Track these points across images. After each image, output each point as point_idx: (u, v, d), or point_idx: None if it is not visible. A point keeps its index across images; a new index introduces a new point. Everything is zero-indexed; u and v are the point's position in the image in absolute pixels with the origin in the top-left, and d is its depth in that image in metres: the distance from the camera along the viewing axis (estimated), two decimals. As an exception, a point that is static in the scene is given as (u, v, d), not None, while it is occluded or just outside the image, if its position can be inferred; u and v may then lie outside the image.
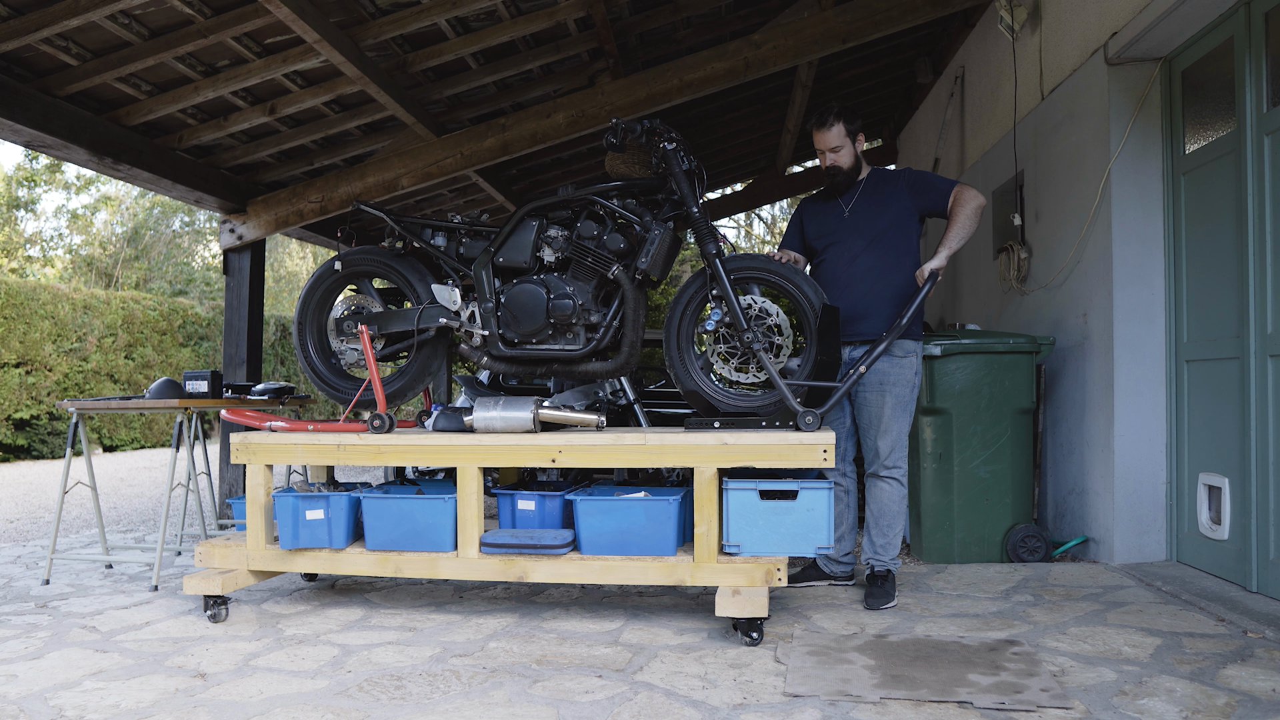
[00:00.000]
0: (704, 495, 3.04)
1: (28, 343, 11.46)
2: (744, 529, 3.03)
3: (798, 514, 3.00)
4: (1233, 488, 3.42)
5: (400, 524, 3.26)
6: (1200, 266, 3.68)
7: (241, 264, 5.97)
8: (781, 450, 3.01)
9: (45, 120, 4.38)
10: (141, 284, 19.80)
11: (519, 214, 3.50)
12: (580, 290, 3.39)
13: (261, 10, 4.02)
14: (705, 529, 3.04)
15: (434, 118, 5.47)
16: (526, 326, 3.41)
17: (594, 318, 3.40)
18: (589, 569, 3.12)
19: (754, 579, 2.96)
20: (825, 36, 4.88)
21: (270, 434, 3.42)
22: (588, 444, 3.18)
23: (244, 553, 3.39)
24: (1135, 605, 3.20)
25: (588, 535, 3.16)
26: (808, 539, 3.00)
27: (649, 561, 3.09)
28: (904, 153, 8.49)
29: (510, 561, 3.17)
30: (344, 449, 3.35)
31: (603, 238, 3.39)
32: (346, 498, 3.33)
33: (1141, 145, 3.89)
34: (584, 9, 4.62)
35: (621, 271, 3.35)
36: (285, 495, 3.32)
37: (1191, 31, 3.60)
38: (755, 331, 3.20)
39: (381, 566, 3.29)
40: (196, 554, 3.42)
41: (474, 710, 2.32)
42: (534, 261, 3.48)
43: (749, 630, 2.87)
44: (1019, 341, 4.05)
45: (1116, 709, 2.24)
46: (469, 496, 3.23)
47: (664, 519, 3.12)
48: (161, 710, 2.35)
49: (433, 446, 3.30)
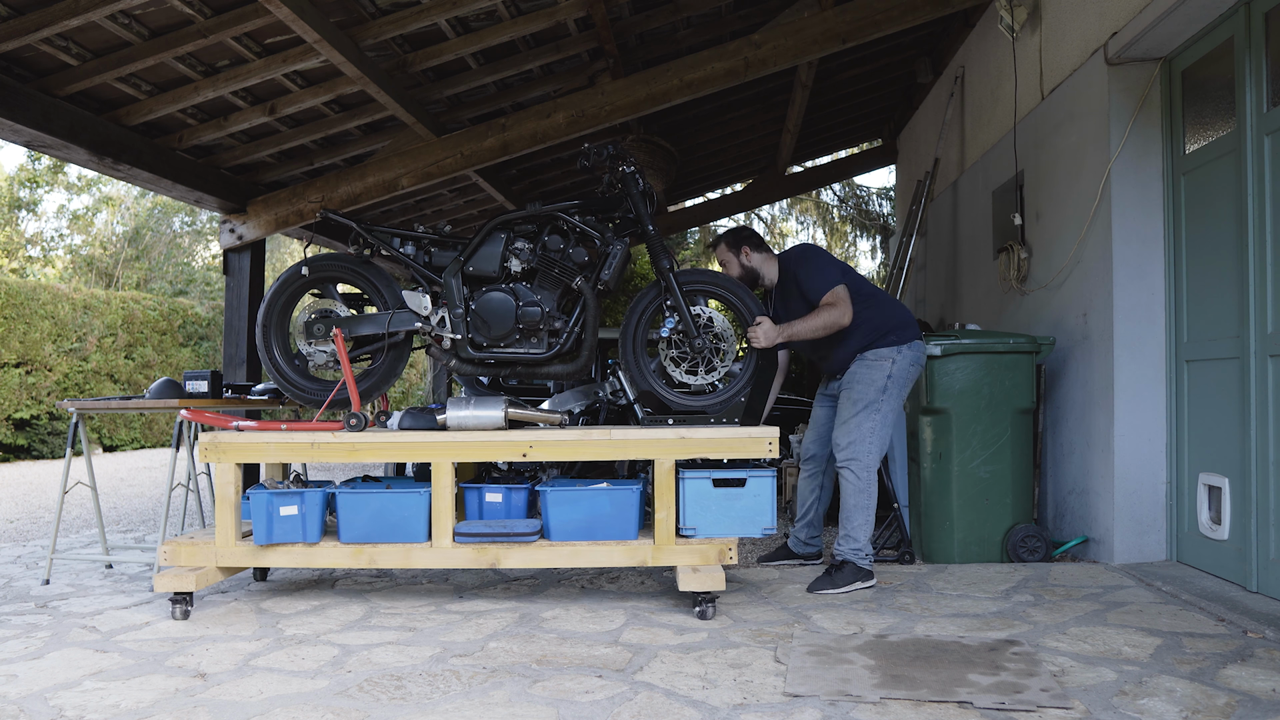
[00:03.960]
0: (663, 484, 3.34)
1: (28, 343, 11.46)
2: (699, 514, 3.39)
3: (746, 499, 3.38)
4: (1233, 488, 3.42)
5: (375, 518, 3.41)
6: (1200, 266, 3.68)
7: (241, 264, 5.97)
8: (733, 443, 3.34)
9: (45, 120, 4.37)
10: (142, 284, 19.80)
11: (488, 227, 3.71)
12: (546, 299, 3.68)
13: (261, 10, 4.02)
14: (665, 514, 3.34)
15: (434, 118, 5.47)
16: (496, 331, 3.65)
17: (557, 324, 3.67)
18: (558, 554, 3.35)
19: (709, 558, 3.27)
20: (825, 36, 4.88)
21: (239, 434, 3.47)
22: (557, 439, 3.40)
23: (213, 549, 3.44)
24: (1135, 605, 3.20)
25: (556, 523, 3.41)
26: (755, 521, 3.38)
27: (614, 545, 3.35)
28: (904, 153, 8.50)
29: (483, 550, 3.36)
30: (318, 447, 3.44)
31: (567, 251, 3.66)
32: (320, 493, 3.42)
33: (1141, 145, 3.89)
34: (584, 9, 4.62)
35: (584, 282, 3.62)
36: (259, 492, 3.38)
37: (1191, 31, 3.60)
38: (704, 338, 3.58)
39: (356, 559, 3.38)
40: (160, 553, 3.44)
41: (474, 710, 2.32)
42: (501, 271, 3.70)
43: (705, 603, 3.18)
44: (1019, 341, 4.05)
45: (1116, 709, 2.24)
46: (443, 490, 3.38)
47: (627, 506, 3.40)
48: (161, 710, 2.35)
49: (408, 443, 3.43)
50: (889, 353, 3.72)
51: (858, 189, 17.13)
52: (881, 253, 17.18)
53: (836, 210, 17.69)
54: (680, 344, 3.62)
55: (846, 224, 17.77)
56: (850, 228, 17.75)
